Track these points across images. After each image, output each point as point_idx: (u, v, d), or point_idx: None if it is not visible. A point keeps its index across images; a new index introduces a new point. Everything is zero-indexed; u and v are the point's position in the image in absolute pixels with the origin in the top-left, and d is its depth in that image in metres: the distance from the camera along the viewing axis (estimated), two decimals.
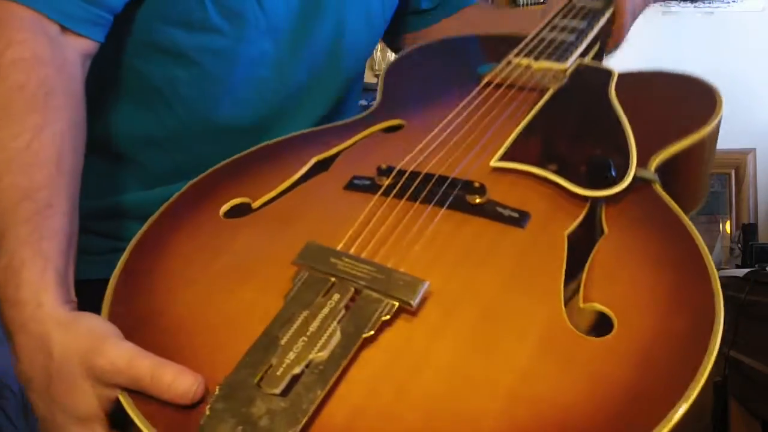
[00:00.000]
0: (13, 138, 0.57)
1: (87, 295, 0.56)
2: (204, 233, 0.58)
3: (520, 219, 0.54)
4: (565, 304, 0.46)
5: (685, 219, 0.53)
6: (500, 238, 0.53)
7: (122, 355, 0.46)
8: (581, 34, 0.75)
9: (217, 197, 0.61)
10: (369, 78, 2.62)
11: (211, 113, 0.79)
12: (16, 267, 0.52)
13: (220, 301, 0.51)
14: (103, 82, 0.78)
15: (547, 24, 0.79)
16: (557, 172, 0.57)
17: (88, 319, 0.50)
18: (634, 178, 0.56)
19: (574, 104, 0.69)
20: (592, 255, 0.50)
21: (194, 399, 0.43)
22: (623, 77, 0.72)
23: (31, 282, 0.52)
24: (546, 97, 0.68)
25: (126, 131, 0.79)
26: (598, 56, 0.83)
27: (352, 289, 0.47)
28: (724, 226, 2.56)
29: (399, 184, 0.58)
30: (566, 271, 0.49)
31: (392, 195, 0.57)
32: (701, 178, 0.69)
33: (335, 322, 0.45)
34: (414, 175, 0.59)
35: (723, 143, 2.40)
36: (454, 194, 0.56)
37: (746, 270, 1.96)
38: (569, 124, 0.67)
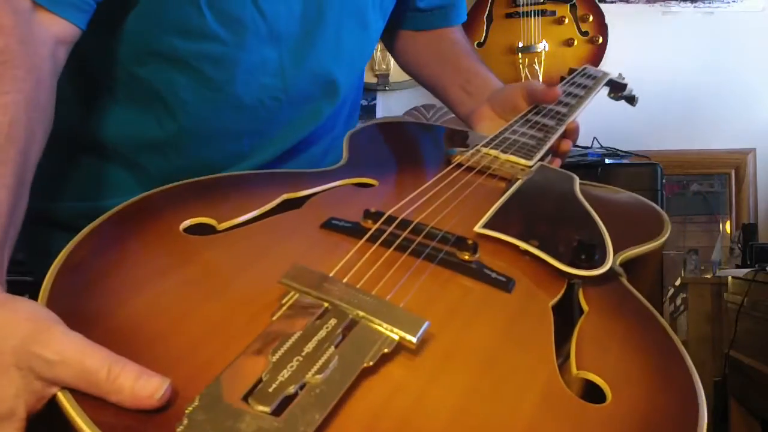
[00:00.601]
0: None
1: None
2: (161, 243, 0.54)
3: (506, 283, 0.55)
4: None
5: (653, 309, 0.57)
6: (489, 299, 0.54)
7: (72, 345, 0.40)
8: (540, 141, 0.84)
9: (178, 212, 0.58)
10: (369, 78, 2.63)
11: (212, 119, 0.79)
12: None
13: (182, 311, 0.47)
14: (103, 86, 0.78)
15: (508, 128, 0.87)
16: (539, 248, 0.59)
17: (28, 303, 0.43)
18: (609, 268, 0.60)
19: (546, 193, 0.75)
20: (577, 329, 0.52)
21: (160, 404, 0.38)
22: (583, 184, 0.79)
23: None
24: (518, 183, 0.74)
25: (127, 134, 0.79)
26: None
27: (350, 316, 0.46)
28: (724, 226, 2.57)
29: (388, 231, 0.59)
30: (555, 339, 0.50)
31: (381, 240, 0.58)
32: (644, 283, 0.74)
33: (333, 347, 0.43)
34: (404, 223, 0.60)
35: (723, 143, 2.40)
36: (445, 249, 0.58)
37: (746, 270, 1.96)
38: (545, 208, 0.72)
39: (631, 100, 1.16)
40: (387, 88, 2.56)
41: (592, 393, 0.46)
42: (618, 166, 2.13)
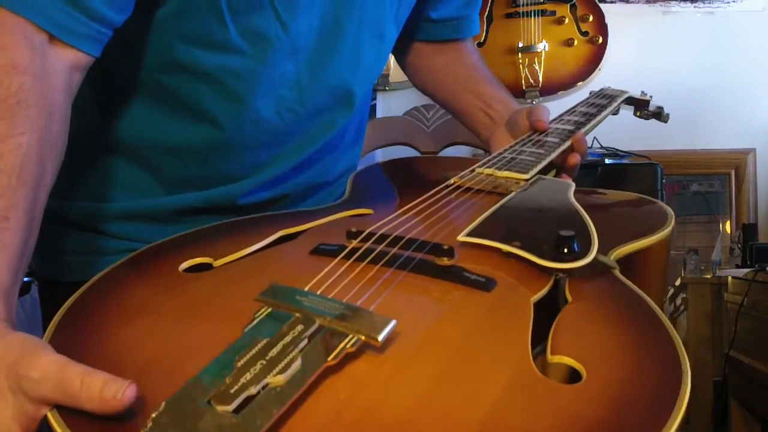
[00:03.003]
0: None
1: None
2: (161, 282, 0.58)
3: (486, 283, 0.55)
4: (534, 361, 0.47)
5: (645, 295, 0.56)
6: (467, 298, 0.54)
7: (52, 363, 0.43)
8: (539, 156, 0.83)
9: (178, 257, 0.61)
10: None
11: (232, 130, 0.79)
12: None
13: (168, 336, 0.50)
14: (125, 88, 0.78)
15: (508, 148, 0.88)
16: (522, 248, 0.59)
17: (20, 334, 0.47)
18: (596, 261, 0.59)
19: (537, 201, 0.74)
20: (557, 319, 0.52)
21: (123, 403, 0.40)
22: (583, 190, 0.79)
23: None
24: (510, 195, 0.74)
25: (147, 136, 0.79)
26: None
27: (318, 322, 0.46)
28: (724, 226, 2.56)
29: (366, 246, 0.60)
30: (533, 333, 0.49)
31: (358, 254, 0.59)
32: (654, 283, 0.72)
33: (297, 351, 0.44)
34: (383, 237, 0.61)
35: (723, 143, 2.41)
36: (421, 256, 0.58)
37: (746, 270, 1.96)
38: (533, 213, 0.72)
39: (659, 116, 1.14)
40: (387, 88, 2.56)
41: (575, 380, 0.45)
42: (618, 166, 2.13)
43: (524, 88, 2.49)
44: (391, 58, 1.14)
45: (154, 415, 0.39)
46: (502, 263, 0.59)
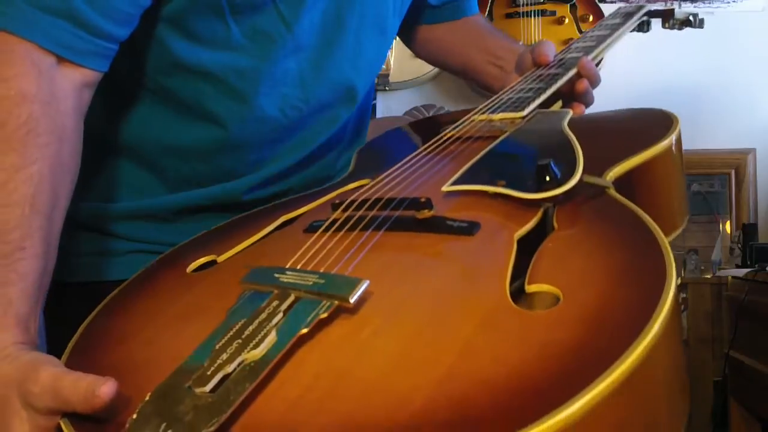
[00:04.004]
0: None
1: (106, 295, 0.58)
2: (169, 287, 0.60)
3: (469, 228, 0.54)
4: (514, 296, 0.46)
5: (639, 210, 0.52)
6: (449, 246, 0.53)
7: (48, 375, 0.46)
8: (538, 91, 0.78)
9: (187, 260, 0.63)
10: None
11: (236, 129, 0.79)
12: None
13: (174, 333, 0.52)
14: (129, 91, 0.78)
15: (507, 89, 0.83)
16: (506, 186, 0.58)
17: (34, 354, 0.51)
18: (586, 183, 0.57)
19: (528, 138, 0.71)
20: (539, 249, 0.50)
21: (102, 399, 0.43)
22: (587, 115, 0.75)
23: None
24: (502, 137, 0.71)
25: (150, 137, 0.80)
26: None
27: (293, 295, 0.47)
28: (724, 226, 2.56)
29: (348, 214, 0.59)
30: (515, 266, 0.48)
31: (338, 224, 0.58)
32: (665, 198, 0.68)
33: (271, 325, 0.44)
34: (364, 202, 0.60)
35: (723, 143, 2.41)
36: (400, 213, 0.57)
37: (746, 270, 1.96)
38: (520, 152, 0.69)
39: (691, 23, 1.06)
40: (387, 88, 2.56)
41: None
42: None
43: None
44: (391, 58, 1.14)
45: (140, 406, 0.41)
46: (488, 206, 0.58)
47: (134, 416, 0.41)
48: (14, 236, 0.56)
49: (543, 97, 0.77)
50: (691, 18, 1.04)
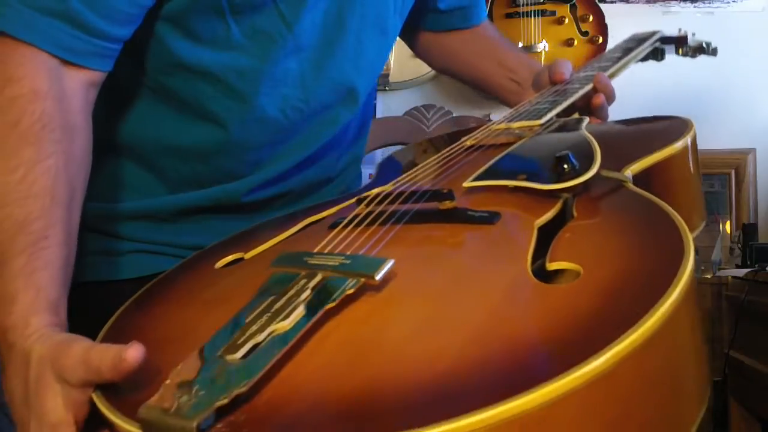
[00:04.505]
0: (9, 172, 0.59)
1: (112, 295, 0.59)
2: (199, 280, 0.63)
3: (490, 217, 0.56)
4: (535, 276, 0.47)
5: (657, 199, 0.54)
6: (470, 233, 0.56)
7: (80, 349, 0.49)
8: (555, 102, 0.82)
9: (214, 259, 0.66)
10: None
11: (236, 129, 0.79)
12: (10, 297, 0.55)
13: (204, 316, 0.54)
14: (129, 91, 0.78)
15: (525, 102, 0.87)
16: (526, 180, 0.60)
17: (66, 334, 0.54)
18: (603, 177, 0.59)
19: (547, 140, 0.74)
20: (559, 233, 0.52)
21: (129, 363, 0.45)
22: (600, 123, 0.79)
23: (22, 309, 0.55)
24: (521, 141, 0.74)
25: (149, 137, 0.80)
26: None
27: (320, 275, 0.49)
28: (724, 226, 2.56)
29: (371, 208, 0.62)
30: (535, 250, 0.50)
31: (362, 216, 0.61)
32: (682, 198, 0.70)
33: (299, 300, 0.46)
34: (387, 196, 0.63)
35: (723, 143, 2.41)
36: (423, 204, 0.59)
37: (746, 270, 1.96)
38: (538, 150, 0.71)
39: (704, 50, 1.09)
40: (387, 88, 2.55)
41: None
42: None
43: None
44: (391, 58, 1.14)
45: (172, 372, 0.43)
46: (508, 199, 0.60)
47: (167, 381, 0.42)
48: (37, 226, 0.58)
49: (560, 107, 0.80)
50: (704, 45, 1.08)
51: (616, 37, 2.51)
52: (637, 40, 1.05)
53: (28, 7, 0.62)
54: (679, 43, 1.07)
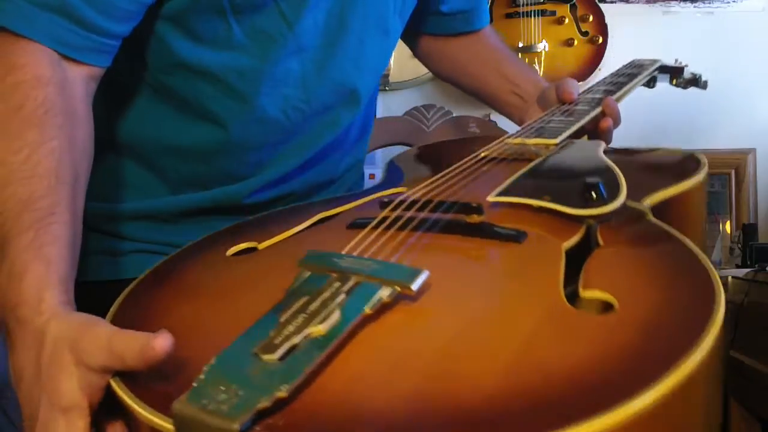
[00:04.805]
0: (13, 153, 0.59)
1: (114, 295, 0.58)
2: (210, 267, 0.62)
3: (517, 236, 0.56)
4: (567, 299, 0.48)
5: (678, 233, 0.56)
6: (498, 251, 0.56)
7: (103, 333, 0.47)
8: (568, 123, 0.84)
9: (227, 244, 0.65)
10: None
11: (237, 130, 0.79)
12: (19, 271, 0.53)
13: (222, 306, 0.54)
14: (129, 89, 0.78)
15: (537, 119, 0.89)
16: (551, 201, 0.60)
17: (83, 314, 0.52)
18: (626, 206, 0.60)
19: (566, 160, 0.76)
20: (588, 259, 0.52)
21: (157, 352, 0.44)
22: (614, 149, 0.80)
23: (34, 283, 0.53)
24: (540, 158, 0.75)
25: (149, 136, 0.80)
26: None
27: (354, 278, 0.48)
28: (724, 226, 2.56)
29: (397, 213, 0.62)
30: (565, 275, 0.50)
31: (391, 219, 0.61)
32: (692, 231, 0.72)
33: (335, 304, 0.46)
34: (413, 203, 0.63)
35: (723, 143, 2.41)
36: (450, 216, 0.60)
37: (746, 270, 1.96)
38: (560, 171, 0.73)
39: (696, 82, 1.15)
40: (387, 88, 2.55)
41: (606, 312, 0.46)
42: None
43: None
44: (391, 59, 1.14)
45: (206, 368, 0.42)
46: (533, 218, 0.60)
47: (201, 376, 0.41)
48: (43, 204, 0.57)
49: (574, 128, 0.83)
50: (697, 78, 1.15)
51: (616, 37, 2.52)
52: (638, 66, 1.08)
53: (27, 2, 0.63)
54: (675, 73, 1.12)
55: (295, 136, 0.83)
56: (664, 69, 1.11)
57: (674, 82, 1.13)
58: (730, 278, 2.12)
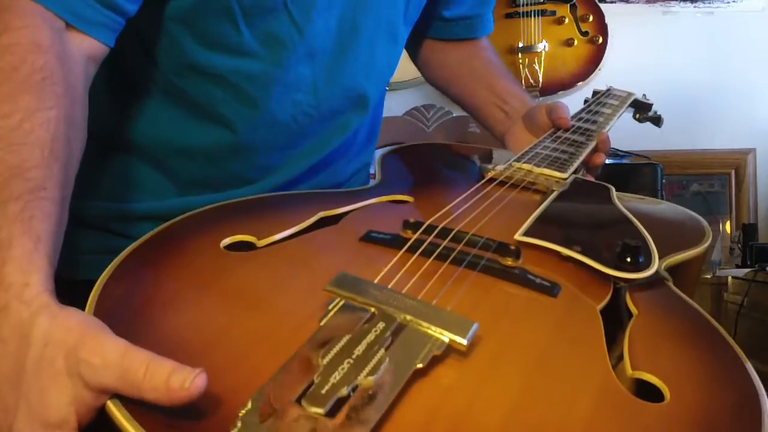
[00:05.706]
0: (3, 117, 0.53)
1: None
2: (202, 260, 0.55)
3: (551, 288, 0.55)
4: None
5: (704, 312, 0.56)
6: (535, 303, 0.54)
7: (115, 349, 0.40)
8: (573, 155, 0.84)
9: (218, 231, 0.59)
10: None
11: (246, 133, 0.79)
12: (4, 243, 0.46)
13: (225, 323, 0.47)
14: (140, 89, 0.78)
15: (539, 144, 0.88)
16: (582, 253, 0.59)
17: (79, 313, 0.44)
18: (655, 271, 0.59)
19: (584, 203, 0.75)
20: (628, 331, 0.51)
21: (191, 393, 0.37)
22: (619, 195, 0.80)
23: (20, 260, 0.46)
24: (554, 194, 0.74)
25: (160, 137, 0.79)
26: None
27: (398, 320, 0.45)
28: (724, 226, 2.56)
29: (429, 240, 0.59)
30: (606, 341, 0.50)
31: (422, 249, 0.58)
32: (690, 295, 0.73)
33: (383, 350, 0.43)
34: (444, 231, 0.60)
35: (723, 143, 2.41)
36: (487, 255, 0.57)
37: (746, 270, 1.96)
38: (583, 216, 0.72)
39: (657, 121, 1.17)
40: (387, 88, 2.56)
41: (644, 394, 0.46)
42: (618, 166, 2.13)
43: (524, 88, 2.49)
44: None
45: (242, 414, 0.37)
46: (561, 266, 0.59)
47: (238, 425, 0.36)
48: (35, 175, 0.51)
49: (578, 161, 0.83)
50: (658, 116, 1.17)
51: (616, 37, 2.52)
52: (617, 98, 1.09)
53: None
54: (643, 108, 1.14)
55: (304, 140, 0.83)
56: (635, 103, 1.13)
57: (637, 116, 1.16)
58: (730, 278, 2.12)
